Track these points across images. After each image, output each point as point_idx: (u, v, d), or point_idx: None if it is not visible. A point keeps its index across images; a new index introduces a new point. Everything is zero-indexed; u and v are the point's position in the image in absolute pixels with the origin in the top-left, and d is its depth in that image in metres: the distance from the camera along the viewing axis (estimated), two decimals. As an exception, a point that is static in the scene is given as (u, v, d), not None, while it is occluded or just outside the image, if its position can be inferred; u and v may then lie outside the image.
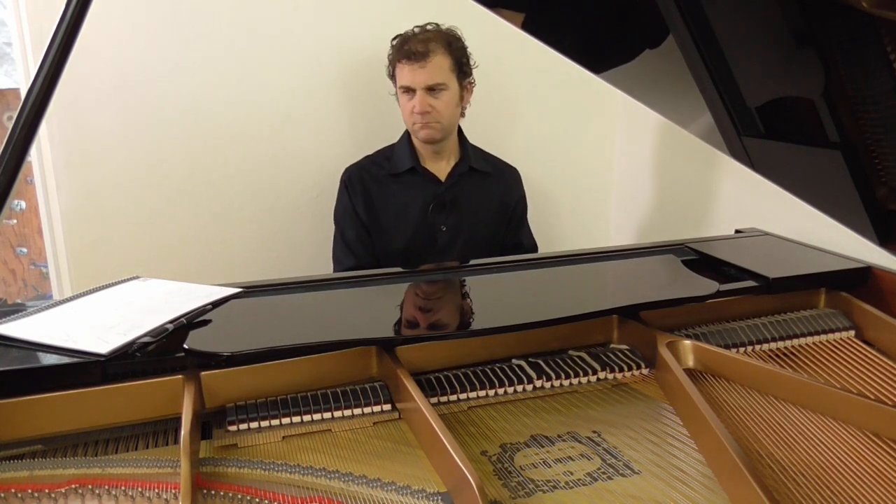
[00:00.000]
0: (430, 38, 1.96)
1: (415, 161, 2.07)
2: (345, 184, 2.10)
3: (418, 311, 1.29)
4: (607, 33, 1.17)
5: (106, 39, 2.02)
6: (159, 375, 1.01)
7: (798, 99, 1.04)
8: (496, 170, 2.18)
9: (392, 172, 2.08)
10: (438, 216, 2.07)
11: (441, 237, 2.08)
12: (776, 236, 1.61)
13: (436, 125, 1.99)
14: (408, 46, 1.96)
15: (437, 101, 1.96)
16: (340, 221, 2.11)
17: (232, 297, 1.24)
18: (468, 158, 2.11)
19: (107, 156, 2.10)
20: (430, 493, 0.87)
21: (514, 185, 2.21)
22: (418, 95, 1.95)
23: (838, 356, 1.19)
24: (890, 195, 1.01)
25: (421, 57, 1.93)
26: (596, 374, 1.14)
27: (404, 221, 2.07)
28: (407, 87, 1.97)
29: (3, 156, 1.07)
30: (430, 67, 1.94)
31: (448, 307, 1.32)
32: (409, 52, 1.94)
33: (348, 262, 2.07)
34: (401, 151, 2.10)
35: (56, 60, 1.08)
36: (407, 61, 1.95)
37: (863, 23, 0.86)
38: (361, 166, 2.12)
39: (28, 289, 3.09)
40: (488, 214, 2.13)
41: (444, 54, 1.96)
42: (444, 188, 2.08)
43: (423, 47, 1.94)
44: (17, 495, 0.87)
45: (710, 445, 0.92)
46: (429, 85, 1.95)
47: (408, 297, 1.36)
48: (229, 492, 0.87)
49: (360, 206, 2.07)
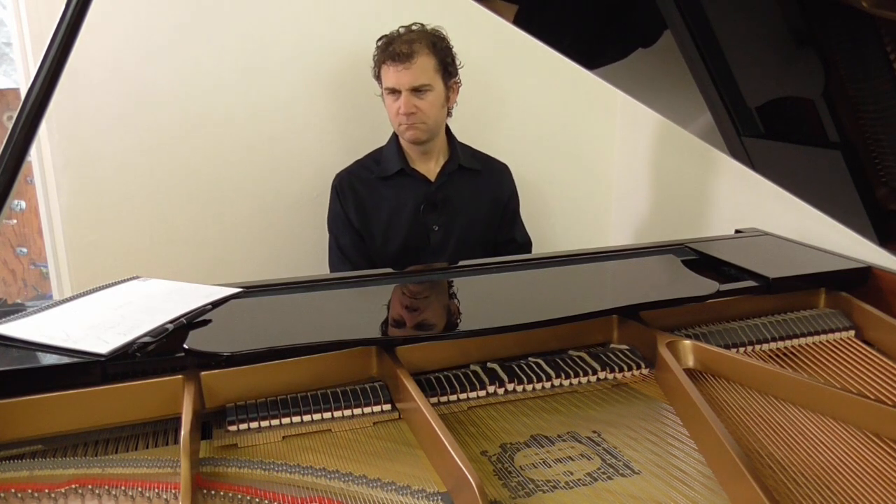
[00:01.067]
0: (415, 39, 1.96)
1: (403, 163, 2.07)
2: (336, 190, 2.10)
3: (418, 312, 1.30)
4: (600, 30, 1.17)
5: (106, 40, 2.02)
6: (159, 375, 1.01)
7: (798, 99, 1.04)
8: (486, 167, 2.17)
9: (381, 175, 2.08)
10: (430, 216, 2.07)
11: (434, 237, 2.08)
12: (776, 236, 1.61)
13: (421, 126, 1.99)
14: (392, 47, 1.95)
15: (422, 102, 1.96)
16: (333, 228, 2.11)
17: (232, 297, 1.24)
18: (457, 157, 2.10)
19: (107, 156, 2.10)
20: (430, 493, 0.87)
21: (504, 182, 2.20)
22: (403, 96, 1.95)
23: (838, 356, 1.19)
24: (890, 195, 1.01)
25: (405, 58, 1.93)
26: (596, 374, 1.14)
27: (397, 223, 2.07)
28: (392, 89, 1.97)
29: (3, 156, 1.07)
30: (415, 69, 1.94)
31: (448, 307, 1.32)
32: (394, 54, 1.94)
33: (344, 269, 2.07)
34: (389, 154, 2.09)
35: (56, 60, 1.08)
36: (391, 62, 1.95)
37: (863, 23, 0.86)
38: (351, 171, 2.11)
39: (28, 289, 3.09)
40: (480, 212, 2.13)
41: (429, 55, 1.95)
42: (435, 188, 2.08)
43: (407, 48, 1.93)
44: (17, 495, 0.87)
45: (710, 445, 0.92)
46: (414, 86, 1.95)
47: (408, 297, 1.36)
48: (229, 492, 0.87)
49: (351, 211, 2.07)
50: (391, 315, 1.28)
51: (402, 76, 1.94)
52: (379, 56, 2.00)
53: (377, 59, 2.01)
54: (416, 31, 1.98)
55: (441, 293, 1.37)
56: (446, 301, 1.34)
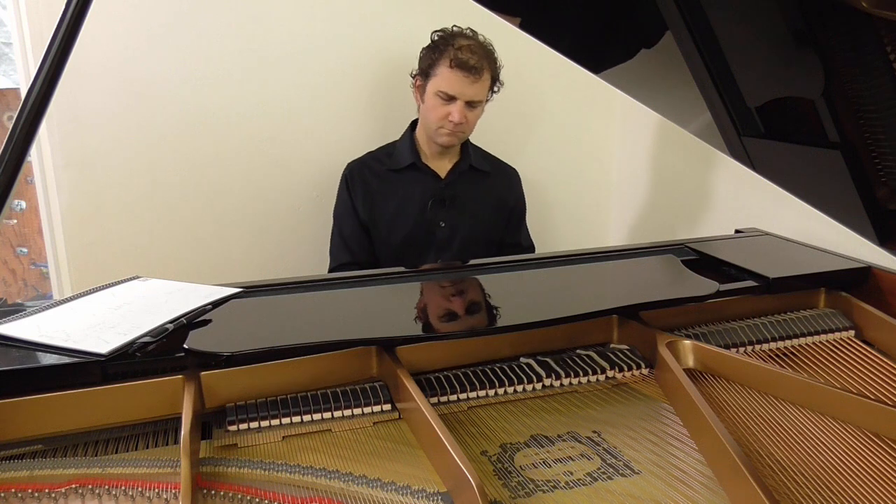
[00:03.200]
0: (483, 55, 1.97)
1: (416, 157, 2.09)
2: (345, 179, 2.12)
3: (418, 311, 1.29)
4: (604, 33, 1.18)
5: (106, 39, 2.02)
6: (159, 375, 1.01)
7: (798, 99, 1.04)
8: (496, 169, 2.20)
9: (393, 168, 2.11)
10: (437, 212, 2.09)
11: (439, 233, 2.10)
12: (776, 236, 1.61)
13: (461, 135, 2.05)
14: (463, 56, 1.94)
15: (471, 115, 2.01)
16: (339, 217, 2.13)
17: (232, 297, 1.24)
18: (469, 157, 2.13)
19: (107, 156, 2.10)
20: (430, 493, 0.87)
21: (512, 186, 2.23)
22: (458, 106, 1.97)
23: (838, 356, 1.19)
24: (890, 195, 1.02)
25: (476, 72, 1.94)
26: (596, 374, 1.14)
27: (403, 216, 2.09)
28: (450, 95, 1.97)
29: (3, 156, 1.07)
30: (480, 84, 1.97)
31: (448, 307, 1.32)
32: (465, 63, 1.93)
33: (344, 259, 2.09)
34: (403, 148, 2.12)
35: (56, 60, 1.08)
36: (460, 70, 1.94)
37: (863, 23, 0.86)
38: (362, 162, 2.14)
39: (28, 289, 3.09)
40: (486, 213, 2.15)
41: (489, 72, 1.99)
42: (444, 185, 2.10)
43: (477, 62, 1.94)
44: (17, 495, 0.87)
45: (710, 445, 0.92)
46: (474, 100, 1.98)
47: (407, 297, 1.36)
48: (229, 492, 0.87)
49: (359, 201, 2.09)
50: (391, 315, 1.28)
51: (468, 89, 1.96)
52: (441, 56, 1.96)
53: (436, 57, 1.98)
54: (483, 46, 2.00)
55: (441, 293, 1.37)
56: (446, 301, 1.34)
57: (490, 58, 1.99)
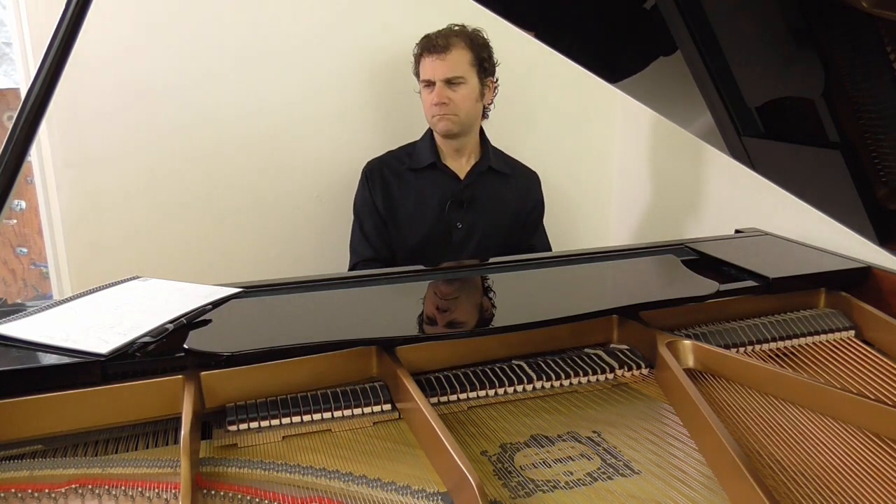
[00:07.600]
0: (452, 34, 2.01)
1: (435, 157, 2.10)
2: (366, 176, 2.14)
3: (418, 311, 1.29)
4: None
5: (106, 39, 2.02)
6: (159, 375, 1.01)
7: (798, 99, 1.04)
8: (516, 172, 2.20)
9: (412, 167, 2.12)
10: (455, 213, 2.09)
11: (456, 234, 2.10)
12: (776, 236, 1.61)
13: (453, 118, 2.02)
14: (430, 40, 2.01)
15: (454, 94, 2.00)
16: (359, 213, 2.14)
17: (232, 297, 1.24)
18: (488, 158, 2.14)
19: (107, 156, 2.10)
20: (430, 493, 0.86)
21: (532, 189, 2.23)
22: (437, 87, 2.00)
23: (838, 356, 1.19)
24: (890, 195, 1.01)
25: (441, 49, 1.98)
26: (596, 374, 1.14)
27: (421, 216, 2.09)
28: (428, 81, 2.02)
29: (3, 156, 1.07)
30: (450, 60, 1.98)
31: (448, 307, 1.32)
32: (431, 45, 2.00)
33: (366, 254, 2.10)
34: (422, 147, 2.13)
35: (56, 60, 1.08)
36: (428, 54, 2.00)
37: (863, 23, 0.86)
38: (382, 160, 2.15)
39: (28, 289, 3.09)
40: (504, 215, 2.15)
41: (465, 49, 2.00)
42: (463, 185, 2.10)
43: (444, 41, 1.99)
44: (17, 495, 0.87)
45: (710, 445, 0.92)
46: (447, 77, 1.99)
47: (407, 297, 1.36)
48: (229, 492, 0.87)
49: (378, 198, 2.10)
50: (391, 315, 1.28)
51: (437, 67, 1.99)
52: (418, 51, 2.05)
53: (416, 54, 2.06)
54: (456, 29, 2.04)
55: (440, 293, 1.37)
56: (446, 301, 1.34)
57: (462, 35, 2.01)
